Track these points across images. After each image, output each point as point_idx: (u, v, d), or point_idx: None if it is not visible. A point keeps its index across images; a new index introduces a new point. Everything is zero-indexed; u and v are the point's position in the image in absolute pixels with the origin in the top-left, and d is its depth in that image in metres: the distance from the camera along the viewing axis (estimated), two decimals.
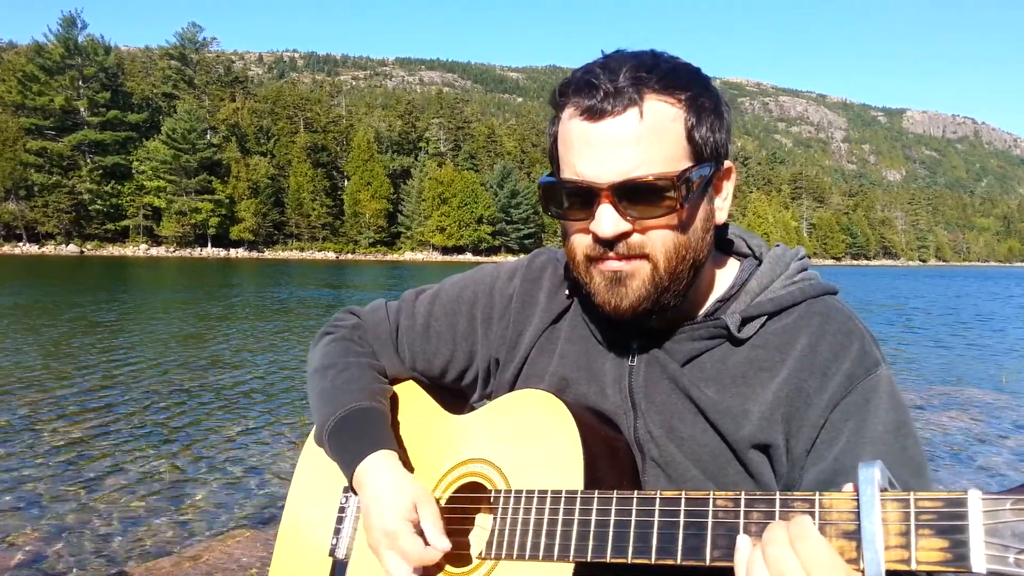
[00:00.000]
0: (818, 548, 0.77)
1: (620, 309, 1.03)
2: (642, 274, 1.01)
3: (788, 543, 0.78)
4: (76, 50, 78.12)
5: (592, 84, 0.97)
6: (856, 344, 1.03)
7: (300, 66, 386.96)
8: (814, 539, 0.77)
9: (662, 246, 1.00)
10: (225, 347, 11.92)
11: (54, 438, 6.14)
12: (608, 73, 0.97)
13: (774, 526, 0.81)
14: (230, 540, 4.13)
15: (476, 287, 1.32)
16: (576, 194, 1.00)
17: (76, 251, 74.03)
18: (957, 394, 9.13)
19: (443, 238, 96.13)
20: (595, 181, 0.97)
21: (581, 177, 0.98)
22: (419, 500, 1.11)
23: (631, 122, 0.96)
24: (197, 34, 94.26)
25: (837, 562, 0.76)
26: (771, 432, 1.02)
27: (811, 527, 0.78)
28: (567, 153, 1.02)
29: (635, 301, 1.02)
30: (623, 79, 0.96)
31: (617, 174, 0.96)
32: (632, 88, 0.96)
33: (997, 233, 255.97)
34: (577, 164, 0.99)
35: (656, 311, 1.04)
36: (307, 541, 1.31)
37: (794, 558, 0.78)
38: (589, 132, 0.98)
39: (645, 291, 1.01)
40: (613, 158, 0.96)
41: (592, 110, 0.97)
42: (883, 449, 0.98)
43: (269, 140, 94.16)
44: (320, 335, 1.41)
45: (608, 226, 0.97)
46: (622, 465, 1.08)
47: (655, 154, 0.96)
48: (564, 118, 1.03)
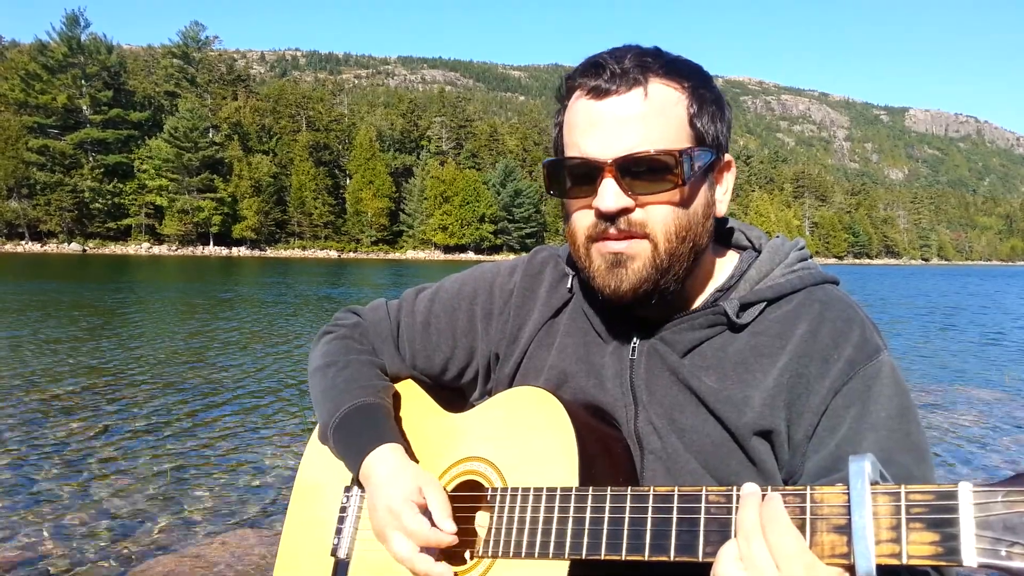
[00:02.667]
0: (785, 535, 0.77)
1: (620, 291, 1.03)
2: (643, 255, 1.01)
3: (759, 529, 0.79)
4: (79, 49, 78.16)
5: (599, 65, 1.01)
6: (857, 330, 1.03)
7: (302, 64, 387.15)
8: (783, 525, 0.78)
9: (663, 225, 1.01)
10: (227, 346, 11.92)
11: (54, 436, 6.15)
12: (614, 57, 1.01)
13: (744, 510, 0.81)
14: (232, 538, 4.13)
15: (476, 284, 1.32)
16: (580, 171, 1.02)
17: (78, 249, 74.05)
18: (959, 392, 9.11)
19: (445, 237, 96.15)
20: (598, 157, 0.99)
21: (585, 154, 1.00)
22: (425, 484, 1.11)
23: (636, 101, 0.98)
24: (199, 33, 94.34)
25: (803, 548, 0.77)
26: (773, 418, 1.02)
27: (781, 511, 0.78)
28: (572, 134, 1.04)
29: (636, 283, 1.02)
30: (628, 62, 0.99)
31: (621, 150, 0.98)
32: (637, 70, 0.99)
33: (1000, 232, 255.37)
34: (581, 143, 1.01)
35: (656, 295, 1.04)
36: (310, 540, 1.31)
37: (764, 548, 0.78)
38: (594, 110, 1.00)
39: (646, 272, 1.02)
40: (617, 135, 0.98)
41: (598, 89, 1.00)
42: (886, 435, 0.97)
43: (271, 138, 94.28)
44: (321, 334, 1.41)
45: (611, 200, 0.98)
46: (618, 461, 1.07)
47: (658, 133, 0.98)
48: (571, 102, 1.05)
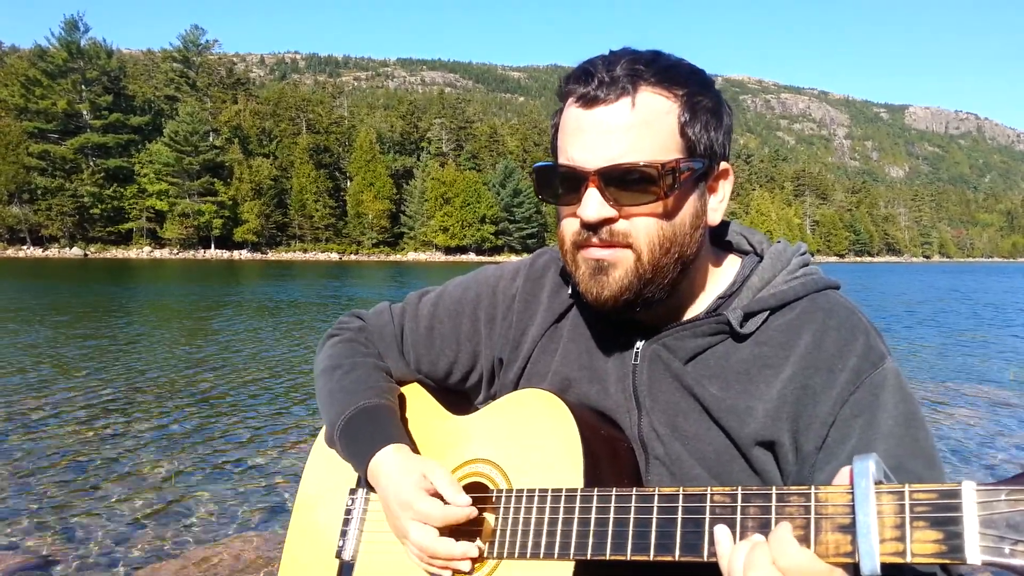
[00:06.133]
0: (795, 555, 0.77)
1: (601, 298, 1.03)
2: (625, 264, 1.01)
3: (770, 563, 0.79)
4: (78, 53, 78.12)
5: (589, 72, 1.00)
6: (861, 339, 1.03)
7: (302, 67, 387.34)
8: (791, 551, 0.78)
9: (646, 236, 1.00)
10: (229, 349, 11.91)
11: (58, 440, 6.14)
12: (606, 64, 1.00)
13: (757, 548, 0.80)
14: (237, 542, 4.12)
15: (479, 288, 1.32)
16: (566, 178, 1.02)
17: (80, 254, 74.05)
18: (964, 390, 9.09)
19: (446, 238, 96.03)
20: (583, 166, 0.99)
21: (571, 162, 1.00)
22: (427, 468, 1.12)
23: (623, 111, 0.97)
24: (199, 36, 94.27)
25: (815, 564, 0.77)
26: (776, 430, 1.02)
27: (789, 541, 0.78)
28: (562, 139, 1.04)
29: (617, 291, 1.02)
30: (619, 70, 0.98)
31: (605, 159, 0.97)
32: (627, 78, 0.98)
33: (1000, 229, 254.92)
34: (569, 149, 1.01)
35: (640, 304, 1.04)
36: (315, 543, 1.31)
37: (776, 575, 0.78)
38: (582, 118, 1.00)
39: (627, 281, 1.01)
40: (602, 144, 0.98)
41: (586, 97, 0.99)
42: (895, 443, 0.97)
43: (271, 142, 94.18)
44: (326, 338, 1.42)
45: (592, 210, 0.98)
46: (623, 464, 1.07)
47: (644, 143, 0.97)
48: (565, 106, 1.05)
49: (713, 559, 0.84)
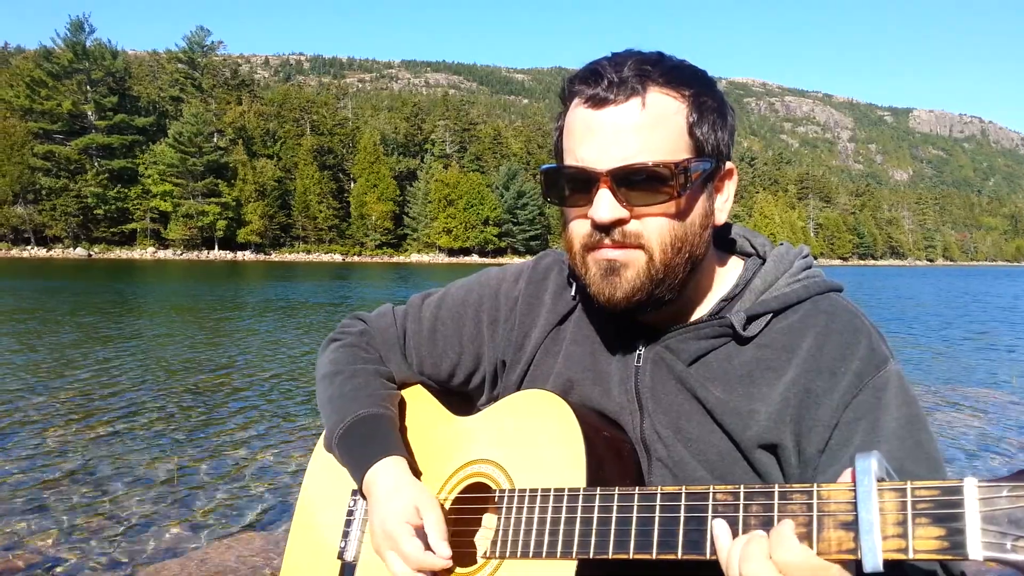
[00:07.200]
0: (790, 550, 0.78)
1: (614, 299, 1.03)
2: (637, 264, 1.01)
3: (766, 557, 0.79)
4: (84, 55, 78.37)
5: (597, 73, 1.00)
6: (864, 342, 1.03)
7: (306, 69, 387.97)
8: (789, 546, 0.78)
9: (658, 236, 1.00)
10: (232, 349, 11.93)
11: (60, 440, 6.16)
12: (614, 65, 1.00)
13: (753, 541, 0.81)
14: (238, 542, 4.13)
15: (482, 290, 1.32)
16: (576, 179, 1.01)
17: (84, 254, 74.25)
18: (966, 394, 9.07)
19: (449, 240, 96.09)
20: (594, 167, 0.98)
21: (582, 162, 1.00)
22: (422, 504, 1.11)
23: (633, 111, 0.97)
24: (205, 38, 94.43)
25: (811, 560, 0.77)
26: (779, 433, 1.02)
27: (788, 536, 0.79)
28: (570, 141, 1.03)
29: (629, 292, 1.02)
30: (627, 71, 0.98)
31: (617, 160, 0.97)
32: (636, 79, 0.98)
33: (1005, 232, 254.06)
34: (578, 150, 1.01)
35: (651, 304, 1.04)
36: (317, 544, 1.32)
37: (771, 568, 0.78)
38: (592, 119, 0.99)
39: (639, 282, 1.01)
40: (614, 144, 0.97)
41: (596, 98, 0.99)
42: (898, 446, 0.97)
43: (275, 143, 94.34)
44: (328, 341, 1.41)
45: (605, 211, 0.98)
46: (626, 465, 1.07)
47: (655, 143, 0.97)
48: (570, 108, 1.04)
49: (715, 557, 0.84)
